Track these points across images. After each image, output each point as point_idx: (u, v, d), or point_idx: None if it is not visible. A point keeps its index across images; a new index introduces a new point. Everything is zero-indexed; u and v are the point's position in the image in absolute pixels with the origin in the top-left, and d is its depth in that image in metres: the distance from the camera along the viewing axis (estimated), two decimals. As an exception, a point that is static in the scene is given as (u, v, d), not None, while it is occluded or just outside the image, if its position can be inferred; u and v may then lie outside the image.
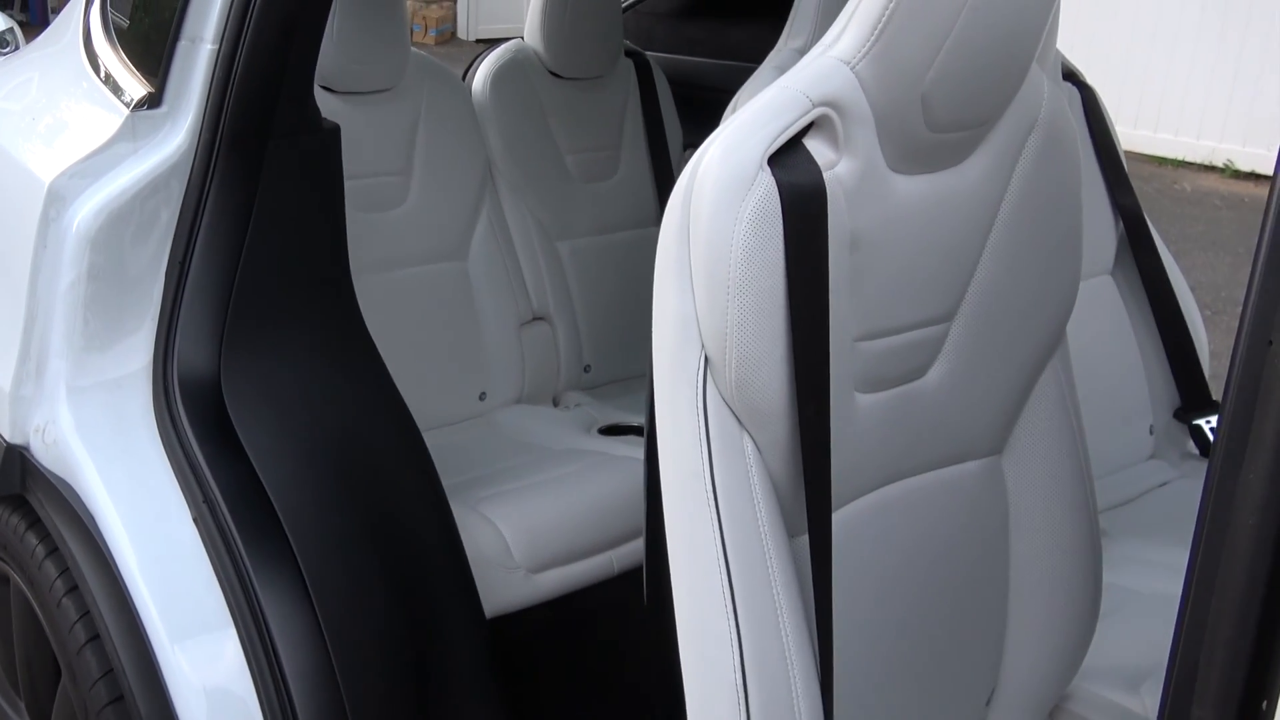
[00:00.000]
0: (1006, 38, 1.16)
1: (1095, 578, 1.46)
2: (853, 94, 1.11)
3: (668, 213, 1.12)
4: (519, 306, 2.42)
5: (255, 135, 1.51)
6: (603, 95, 2.62)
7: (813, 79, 1.10)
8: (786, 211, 1.07)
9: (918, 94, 1.13)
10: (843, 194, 1.12)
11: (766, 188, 1.06)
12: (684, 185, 1.10)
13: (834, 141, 1.12)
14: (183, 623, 1.41)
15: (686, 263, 1.09)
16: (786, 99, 1.09)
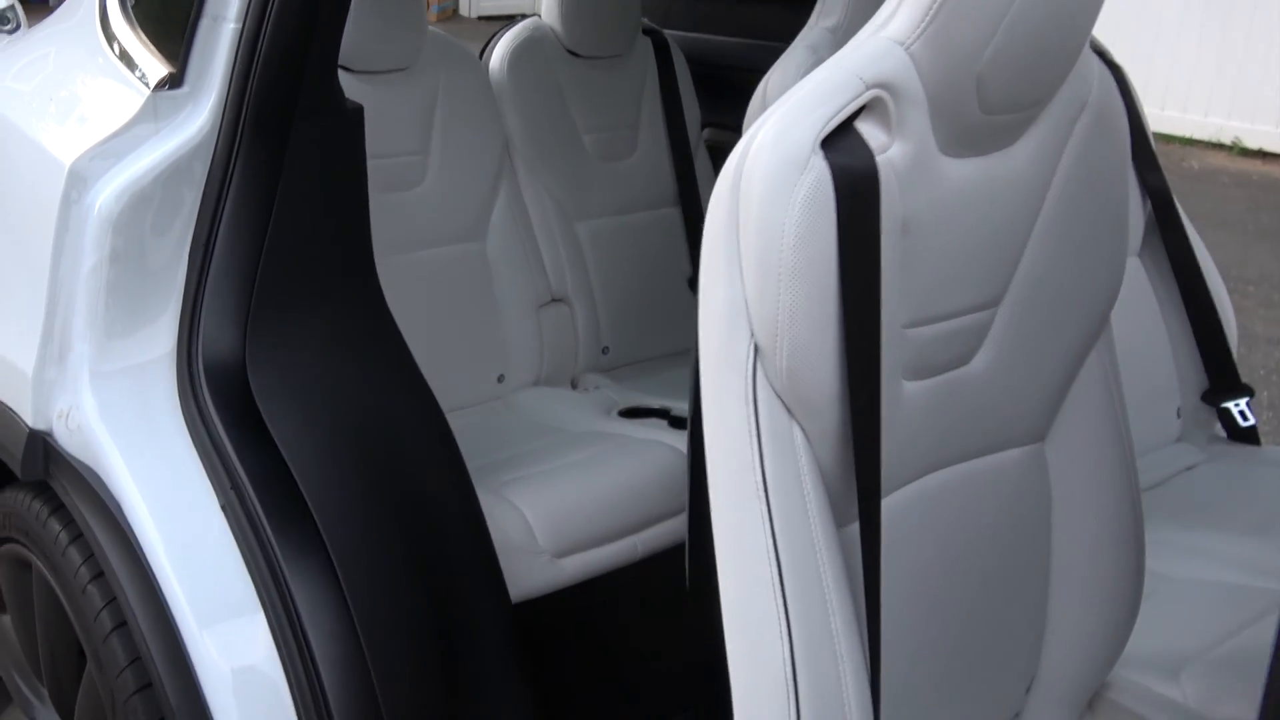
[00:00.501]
0: (1063, 16, 1.12)
1: (1138, 566, 1.43)
2: (906, 75, 1.07)
3: (715, 198, 1.08)
4: (537, 288, 2.39)
5: (279, 116, 1.48)
6: (621, 74, 2.59)
7: (866, 60, 1.07)
8: (839, 196, 1.04)
9: (973, 75, 1.09)
10: (895, 178, 1.09)
11: (819, 172, 1.03)
12: (732, 170, 1.06)
13: (886, 124, 1.08)
14: (211, 608, 1.38)
15: (736, 249, 1.05)
16: (839, 80, 1.06)
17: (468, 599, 1.60)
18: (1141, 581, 1.44)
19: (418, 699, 1.49)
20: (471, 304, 2.28)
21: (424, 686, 1.51)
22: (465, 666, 1.56)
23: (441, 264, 2.25)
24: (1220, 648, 1.60)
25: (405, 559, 1.51)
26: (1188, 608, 1.73)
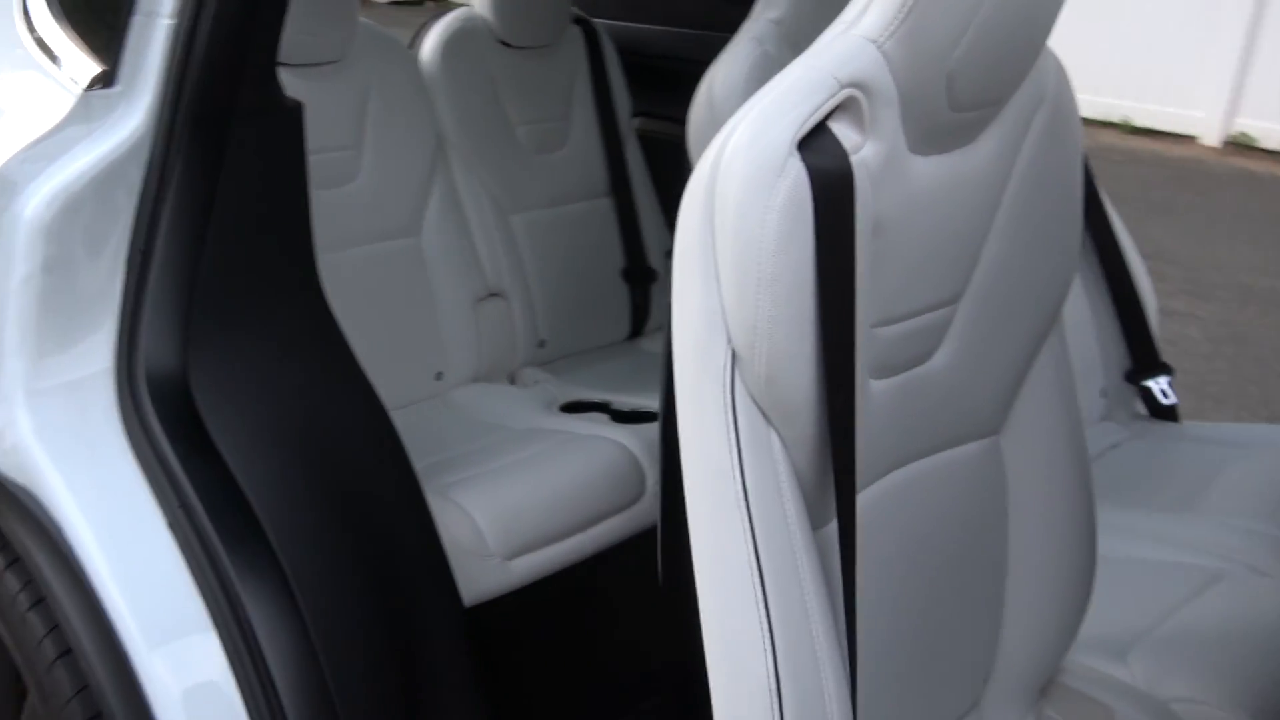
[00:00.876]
0: (1030, 12, 1.10)
1: (1090, 554, 1.43)
2: (880, 74, 1.04)
3: (687, 202, 1.04)
4: (474, 283, 2.32)
5: (218, 116, 1.40)
6: (552, 64, 2.53)
7: (839, 59, 1.03)
8: (817, 199, 1.00)
9: (944, 73, 1.06)
10: (868, 178, 1.06)
11: (797, 175, 0.99)
12: (705, 173, 1.02)
13: (860, 124, 1.05)
14: (162, 629, 1.31)
15: (711, 255, 1.01)
16: (813, 80, 1.02)
17: (422, 607, 1.54)
18: (1094, 569, 1.44)
19: (375, 711, 1.44)
20: (408, 301, 2.21)
21: (381, 698, 1.46)
22: (422, 676, 1.51)
23: (377, 261, 2.17)
24: (1163, 626, 1.61)
25: (359, 569, 1.45)
26: (1127, 588, 1.74)
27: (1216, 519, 1.90)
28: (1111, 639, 1.58)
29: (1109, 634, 1.60)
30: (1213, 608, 1.63)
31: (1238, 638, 1.53)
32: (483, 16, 2.42)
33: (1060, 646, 1.45)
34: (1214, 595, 1.66)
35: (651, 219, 2.67)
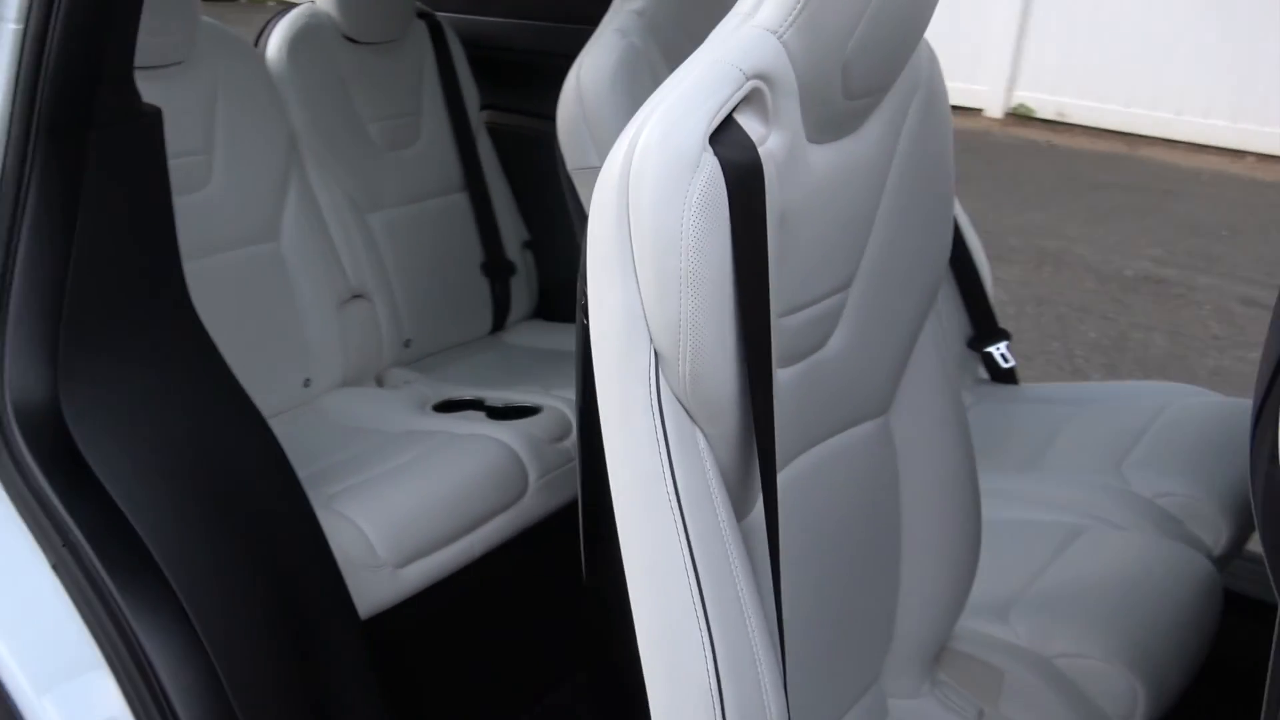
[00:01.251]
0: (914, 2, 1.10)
1: (976, 522, 1.47)
2: (781, 64, 1.02)
3: (598, 201, 1.00)
4: (337, 285, 2.22)
5: (75, 124, 1.29)
6: (399, 59, 2.44)
7: (741, 50, 1.01)
8: (731, 193, 0.98)
9: (840, 62, 1.06)
10: (774, 169, 1.04)
11: (711, 170, 0.97)
12: (616, 171, 0.98)
13: (764, 115, 1.03)
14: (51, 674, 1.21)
15: (629, 254, 0.98)
16: (719, 73, 1.00)
17: (321, 625, 1.48)
18: (979, 536, 1.47)
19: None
20: (271, 308, 2.11)
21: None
22: (327, 696, 1.44)
23: (236, 268, 2.06)
24: (1036, 585, 1.66)
25: (256, 593, 1.37)
26: (996, 549, 1.79)
27: (1065, 476, 1.97)
28: (991, 601, 1.62)
29: (987, 596, 1.64)
30: (1079, 563, 1.68)
31: (1108, 591, 1.59)
32: (327, 12, 2.32)
33: (953, 613, 1.48)
34: (1077, 551, 1.72)
35: (507, 212, 2.61)
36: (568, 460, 2.04)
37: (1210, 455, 1.90)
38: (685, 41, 1.82)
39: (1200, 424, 2.01)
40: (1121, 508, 1.82)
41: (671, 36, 1.78)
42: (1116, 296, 4.90)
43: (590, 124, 1.64)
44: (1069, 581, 1.66)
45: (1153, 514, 1.80)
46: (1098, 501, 1.84)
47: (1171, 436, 1.98)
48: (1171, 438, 1.98)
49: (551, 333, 2.57)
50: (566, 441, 2.06)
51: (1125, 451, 1.96)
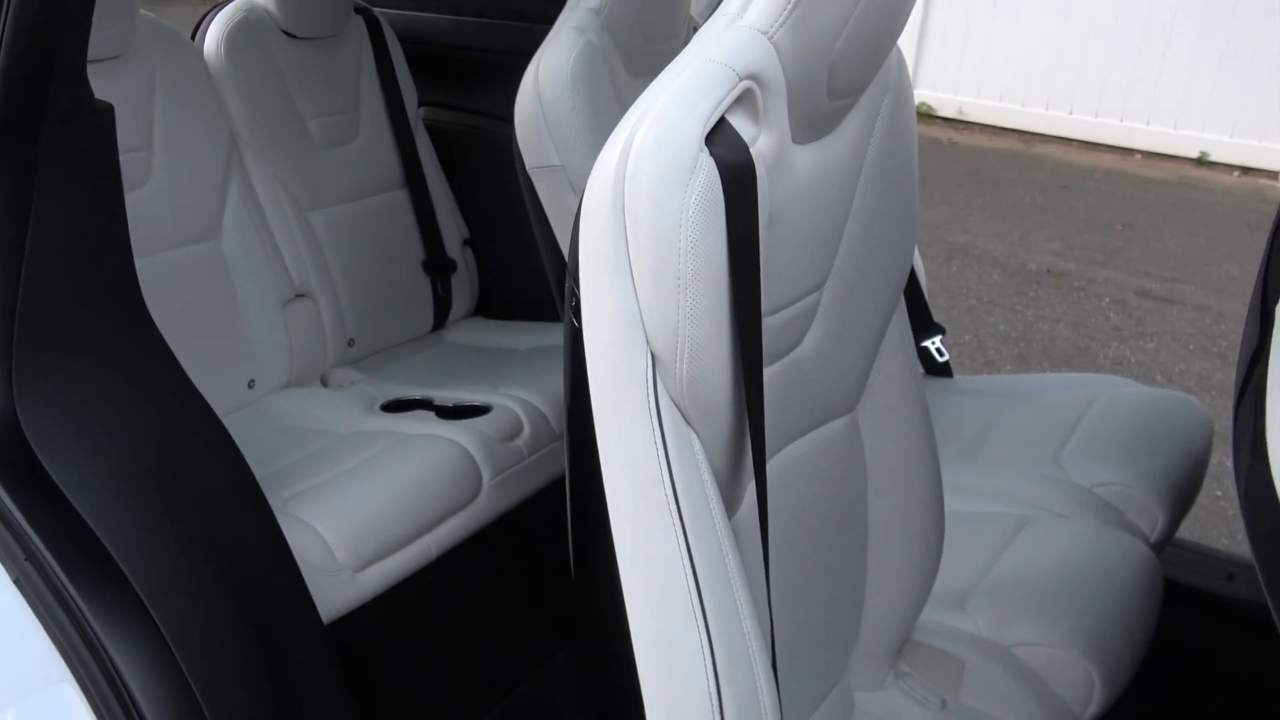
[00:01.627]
0: (897, 3, 1.09)
1: (939, 516, 1.47)
2: (771, 65, 1.00)
3: (591, 204, 0.97)
4: (280, 284, 2.14)
5: (28, 122, 1.21)
6: (337, 55, 2.36)
7: (732, 50, 0.98)
8: (727, 194, 0.95)
9: (827, 62, 1.04)
10: (764, 169, 1.02)
11: (708, 170, 0.94)
12: (610, 171, 0.95)
13: (755, 115, 1.01)
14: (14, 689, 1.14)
15: (625, 256, 0.95)
16: (712, 73, 0.97)
17: (287, 631, 1.42)
18: (943, 529, 1.47)
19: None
20: (213, 308, 2.02)
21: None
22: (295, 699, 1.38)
23: (177, 268, 1.97)
24: (990, 575, 1.67)
25: (224, 600, 1.31)
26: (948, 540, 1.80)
27: (1005, 467, 1.99)
28: (948, 591, 1.63)
29: (944, 586, 1.65)
30: (1029, 553, 1.70)
31: (1059, 580, 1.60)
32: (264, 6, 2.23)
33: (918, 606, 1.47)
34: (1026, 541, 1.73)
35: (446, 209, 2.55)
36: (520, 459, 2.00)
37: (1142, 445, 1.93)
38: (641, 39, 1.79)
39: (1129, 415, 2.04)
40: (1063, 497, 1.84)
41: (627, 34, 1.75)
42: (1021, 289, 5.00)
43: (549, 122, 1.60)
44: (1021, 571, 1.67)
45: (1093, 503, 1.82)
46: (1040, 492, 1.86)
47: (1103, 427, 2.01)
48: (1103, 428, 2.01)
49: (493, 330, 2.52)
50: (518, 440, 2.01)
51: (1061, 442, 1.99)
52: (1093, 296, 4.91)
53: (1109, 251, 5.46)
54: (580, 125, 1.59)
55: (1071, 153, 7.25)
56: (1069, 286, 5.02)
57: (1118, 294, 4.94)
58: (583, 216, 0.98)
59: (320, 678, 1.43)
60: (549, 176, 1.62)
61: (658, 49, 1.83)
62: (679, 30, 1.88)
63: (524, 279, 2.57)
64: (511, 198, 2.46)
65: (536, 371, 2.21)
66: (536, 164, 1.62)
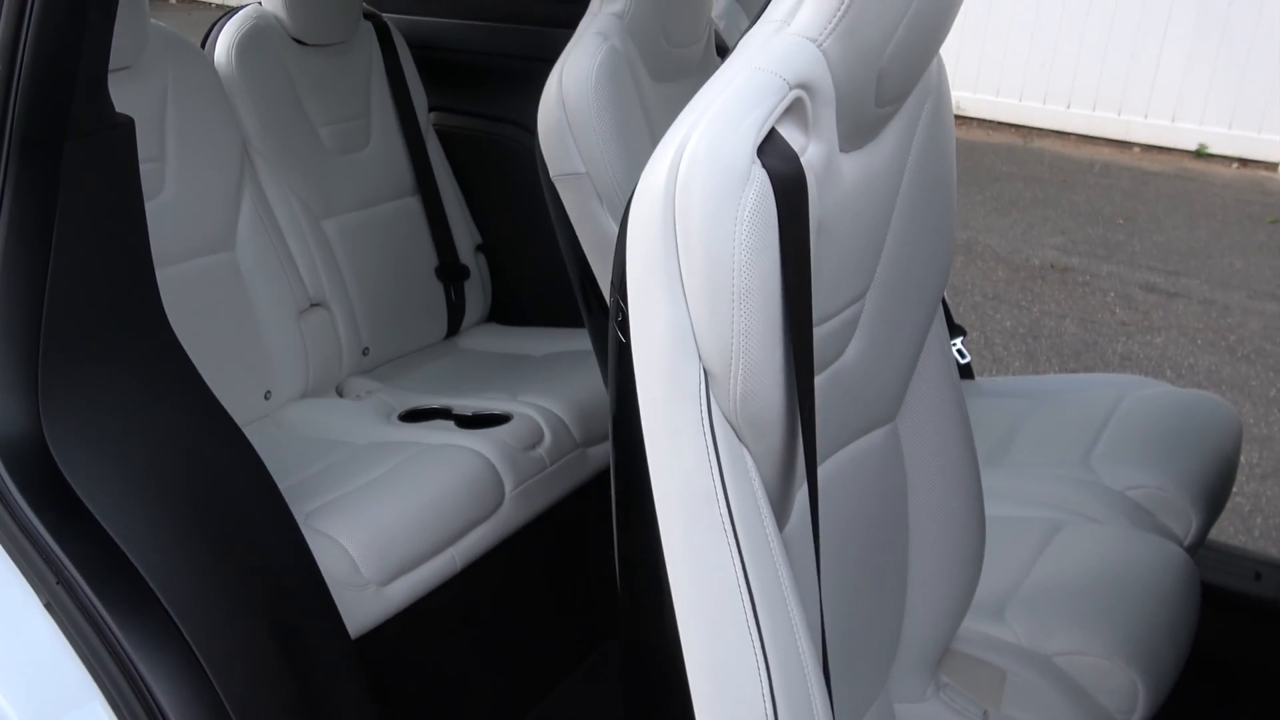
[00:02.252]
0: (946, 6, 1.06)
1: (980, 525, 1.44)
2: (820, 73, 0.97)
3: (639, 216, 0.94)
4: (295, 294, 2.11)
5: (50, 136, 1.18)
6: (347, 62, 2.33)
7: (782, 59, 0.95)
8: (780, 206, 0.93)
9: (876, 69, 1.01)
10: (814, 180, 0.99)
11: (761, 182, 0.91)
12: (659, 184, 0.92)
13: (804, 125, 0.98)
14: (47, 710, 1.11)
15: (676, 271, 0.92)
16: (762, 82, 0.94)
17: (314, 646, 1.39)
18: (984, 539, 1.45)
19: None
20: (229, 319, 1.99)
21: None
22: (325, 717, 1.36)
23: (192, 279, 1.94)
24: (1027, 582, 1.64)
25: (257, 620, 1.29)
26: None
27: (1034, 470, 1.97)
28: (984, 600, 1.60)
29: (981, 594, 1.62)
30: (1063, 559, 1.67)
31: (1097, 586, 1.58)
32: (274, 14, 2.20)
33: (958, 615, 1.45)
34: (1061, 546, 1.71)
35: (458, 215, 2.52)
36: (541, 468, 1.97)
37: (1172, 446, 1.91)
38: (664, 43, 1.76)
39: (1158, 415, 2.02)
40: (1095, 501, 1.81)
41: (651, 38, 1.72)
42: (1026, 285, 4.98)
43: (574, 129, 1.57)
44: (1058, 577, 1.64)
45: (1125, 506, 1.80)
46: (1071, 496, 1.84)
47: (1132, 428, 1.99)
48: (1132, 429, 1.98)
49: (508, 337, 2.49)
50: (539, 449, 1.99)
51: (1090, 445, 1.96)
52: (1098, 291, 4.89)
53: (1112, 245, 5.45)
54: (605, 132, 1.56)
55: (1070, 146, 7.23)
56: (1073, 282, 5.00)
57: (1122, 288, 4.92)
58: (630, 230, 0.95)
59: (349, 695, 1.40)
60: (573, 184, 1.59)
61: (680, 53, 1.80)
62: (701, 34, 1.85)
63: (538, 284, 2.54)
64: (523, 202, 2.44)
65: (554, 378, 2.18)
66: (561, 171, 1.59)
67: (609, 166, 1.57)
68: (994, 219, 5.81)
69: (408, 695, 1.74)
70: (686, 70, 1.85)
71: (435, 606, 1.76)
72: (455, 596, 1.80)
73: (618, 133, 1.58)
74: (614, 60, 1.61)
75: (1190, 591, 1.62)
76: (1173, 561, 1.65)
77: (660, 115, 1.74)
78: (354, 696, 1.41)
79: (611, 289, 1.02)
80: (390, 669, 1.69)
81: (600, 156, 1.57)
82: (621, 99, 1.60)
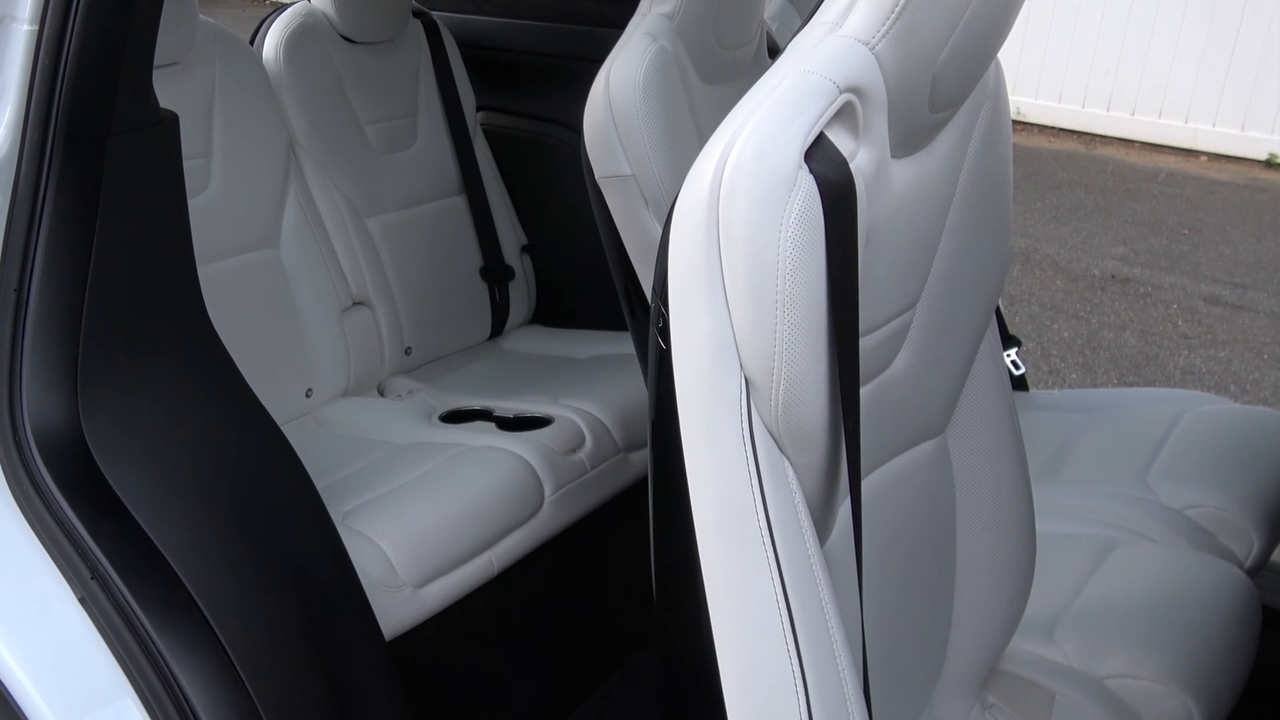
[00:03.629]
0: (1004, 8, 1.04)
1: (1030, 543, 1.41)
2: (872, 77, 0.95)
3: (682, 221, 0.93)
4: (338, 292, 2.13)
5: (94, 131, 1.20)
6: (395, 60, 2.34)
7: (832, 62, 0.94)
8: (827, 213, 0.91)
9: (930, 74, 0.99)
10: (863, 186, 0.98)
11: (808, 188, 0.90)
12: (704, 188, 0.91)
13: (854, 130, 0.97)
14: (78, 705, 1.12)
15: (719, 278, 0.91)
16: (811, 85, 0.93)
17: (349, 647, 1.39)
18: (1034, 558, 1.42)
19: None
20: (271, 316, 2.01)
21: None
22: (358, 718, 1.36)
23: (235, 275, 1.96)
24: (1078, 602, 1.61)
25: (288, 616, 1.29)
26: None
27: (1088, 487, 1.93)
28: (1033, 619, 1.58)
29: (1029, 613, 1.59)
30: (1117, 578, 1.64)
31: (1152, 607, 1.55)
32: (322, 11, 2.21)
33: (1005, 635, 1.42)
34: (1114, 565, 1.67)
35: (504, 215, 2.53)
36: (581, 473, 1.96)
37: (1235, 465, 1.87)
38: (715, 44, 1.75)
39: (1220, 432, 1.98)
40: (1151, 520, 1.78)
41: (701, 39, 1.71)
42: (1085, 296, 4.90)
43: (621, 131, 1.56)
44: (1110, 597, 1.61)
45: (1183, 526, 1.76)
46: (1127, 513, 1.80)
47: (1192, 445, 1.94)
48: (1193, 447, 1.94)
49: (551, 339, 2.49)
50: (580, 453, 1.98)
51: (1148, 462, 1.92)
52: (1160, 303, 4.81)
53: (1175, 256, 5.35)
54: (653, 134, 1.55)
55: (1134, 154, 7.12)
56: (1134, 293, 4.92)
57: (1186, 300, 4.83)
58: (673, 234, 0.94)
59: (383, 697, 1.40)
60: (619, 186, 1.58)
61: (731, 54, 1.79)
62: (752, 35, 1.84)
63: (582, 286, 2.54)
64: (569, 203, 2.43)
65: (596, 382, 2.17)
66: (607, 173, 1.59)
67: (655, 169, 1.56)
68: (1053, 227, 5.73)
69: (441, 699, 1.74)
70: (737, 72, 1.84)
71: (471, 610, 1.76)
72: (491, 600, 1.80)
73: (665, 135, 1.57)
74: (662, 61, 1.60)
75: (1250, 614, 1.58)
76: (1232, 583, 1.61)
77: (709, 117, 1.73)
78: (387, 698, 1.42)
79: (653, 294, 1.01)
80: (424, 672, 1.69)
81: (646, 159, 1.56)
82: (669, 101, 1.59)
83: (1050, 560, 1.73)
